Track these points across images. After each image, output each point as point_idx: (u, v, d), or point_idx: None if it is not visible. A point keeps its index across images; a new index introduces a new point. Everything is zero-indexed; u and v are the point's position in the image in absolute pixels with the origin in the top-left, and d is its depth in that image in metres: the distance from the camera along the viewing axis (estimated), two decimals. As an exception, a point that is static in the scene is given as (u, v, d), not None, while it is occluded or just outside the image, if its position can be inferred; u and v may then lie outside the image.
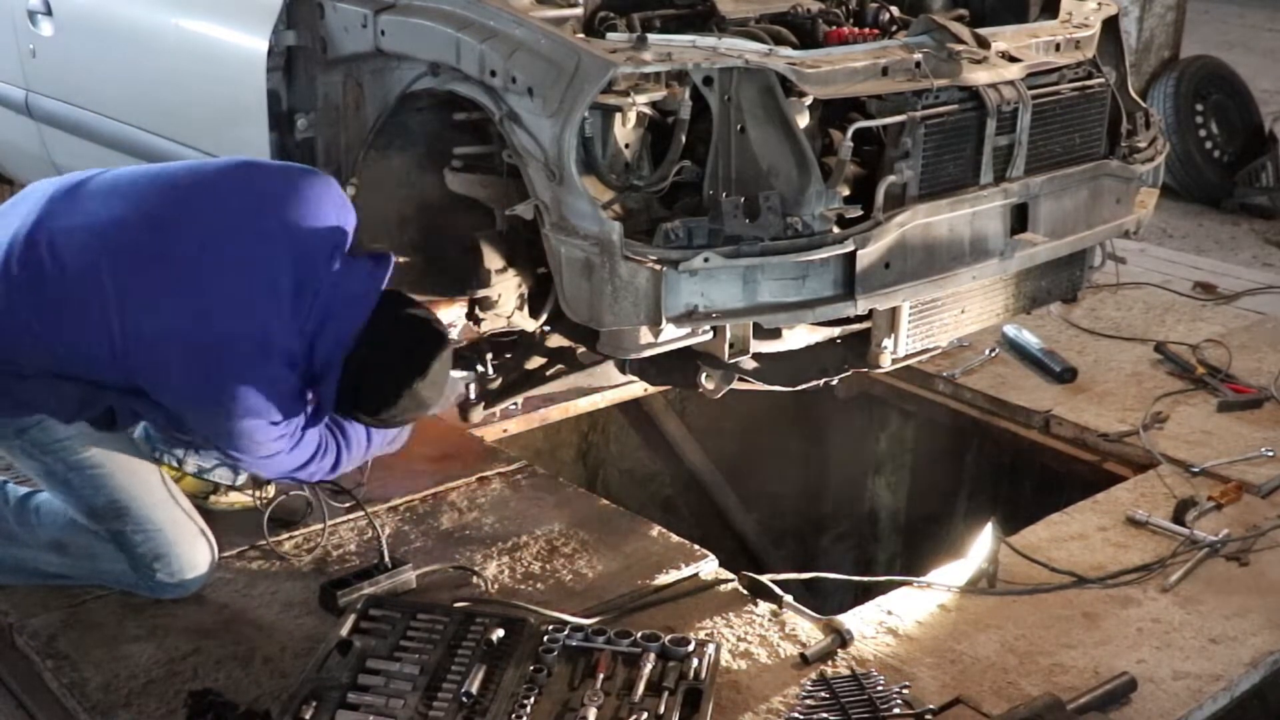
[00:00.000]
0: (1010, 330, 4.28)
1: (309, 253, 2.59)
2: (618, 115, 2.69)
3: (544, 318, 3.12)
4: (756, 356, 3.06)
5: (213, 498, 3.11)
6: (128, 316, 2.52)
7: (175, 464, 2.94)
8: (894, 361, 3.23)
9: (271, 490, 3.13)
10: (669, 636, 2.60)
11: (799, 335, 3.11)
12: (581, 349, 3.29)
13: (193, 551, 2.79)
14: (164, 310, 2.52)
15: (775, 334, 3.03)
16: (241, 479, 3.07)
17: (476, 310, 3.01)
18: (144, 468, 2.83)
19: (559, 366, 3.43)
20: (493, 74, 2.71)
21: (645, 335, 2.79)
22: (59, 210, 2.63)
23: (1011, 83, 3.01)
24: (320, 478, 2.81)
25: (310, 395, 2.67)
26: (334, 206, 2.70)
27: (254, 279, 2.54)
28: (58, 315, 2.55)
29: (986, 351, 4.26)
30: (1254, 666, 2.75)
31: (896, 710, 2.49)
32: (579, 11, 3.02)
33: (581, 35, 2.91)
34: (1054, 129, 3.18)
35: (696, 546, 3.06)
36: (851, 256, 2.75)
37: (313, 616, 2.76)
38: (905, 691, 2.54)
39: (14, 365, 2.61)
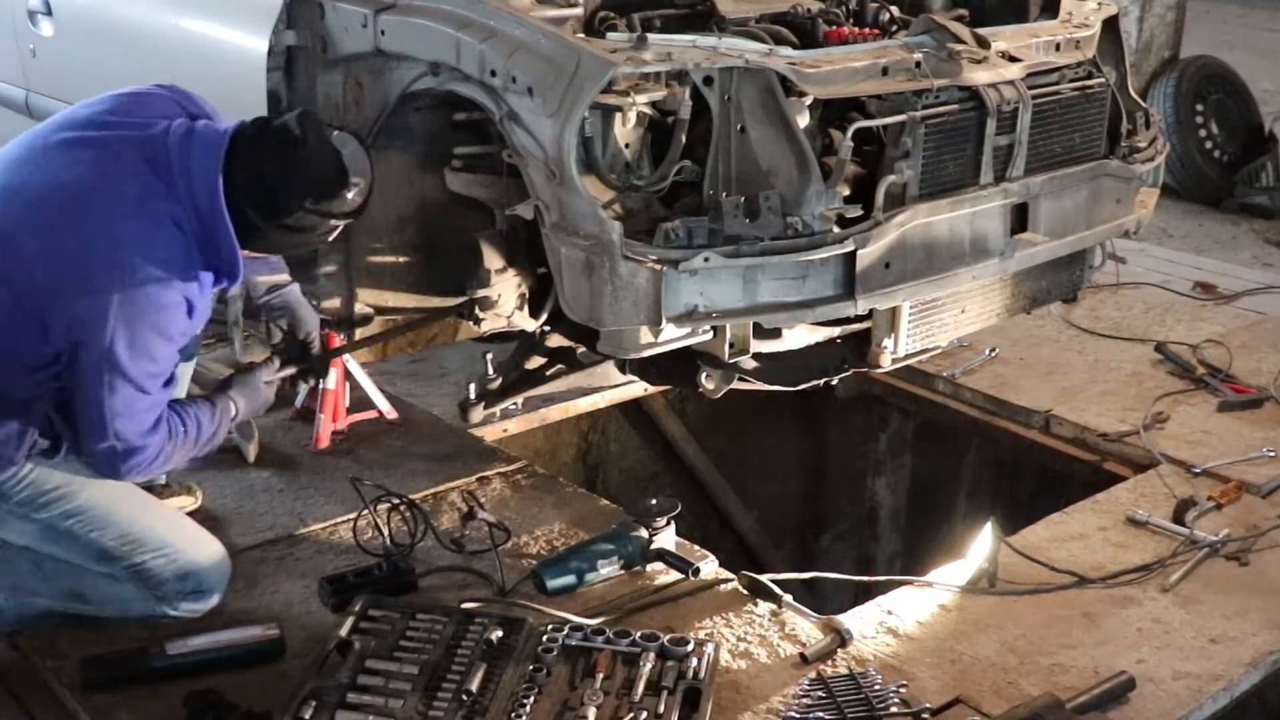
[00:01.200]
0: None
1: (154, 133, 2.57)
2: (618, 115, 2.70)
3: (544, 318, 3.12)
4: (756, 356, 3.06)
5: None
6: (23, 268, 2.48)
7: None
8: (894, 361, 3.23)
9: (200, 496, 3.14)
10: (668, 636, 2.60)
11: (799, 335, 3.11)
12: (581, 349, 3.29)
13: (210, 559, 2.76)
14: (55, 241, 2.48)
15: (775, 334, 3.03)
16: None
17: (476, 310, 3.01)
18: (135, 491, 2.80)
19: (559, 366, 3.43)
20: (493, 74, 2.71)
21: (645, 335, 2.79)
22: None
23: (1011, 83, 3.02)
24: (157, 466, 2.67)
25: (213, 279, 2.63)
26: (163, 96, 2.70)
27: (110, 182, 2.51)
28: None
29: (986, 351, 4.26)
30: (1254, 666, 2.75)
31: (894, 710, 2.49)
32: (579, 11, 3.02)
33: (581, 35, 2.92)
34: (1054, 129, 3.18)
35: (696, 546, 3.06)
36: (851, 256, 2.76)
37: (313, 616, 2.76)
38: (903, 691, 2.54)
39: None
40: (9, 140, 2.69)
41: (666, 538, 2.95)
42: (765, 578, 2.89)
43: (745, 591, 2.90)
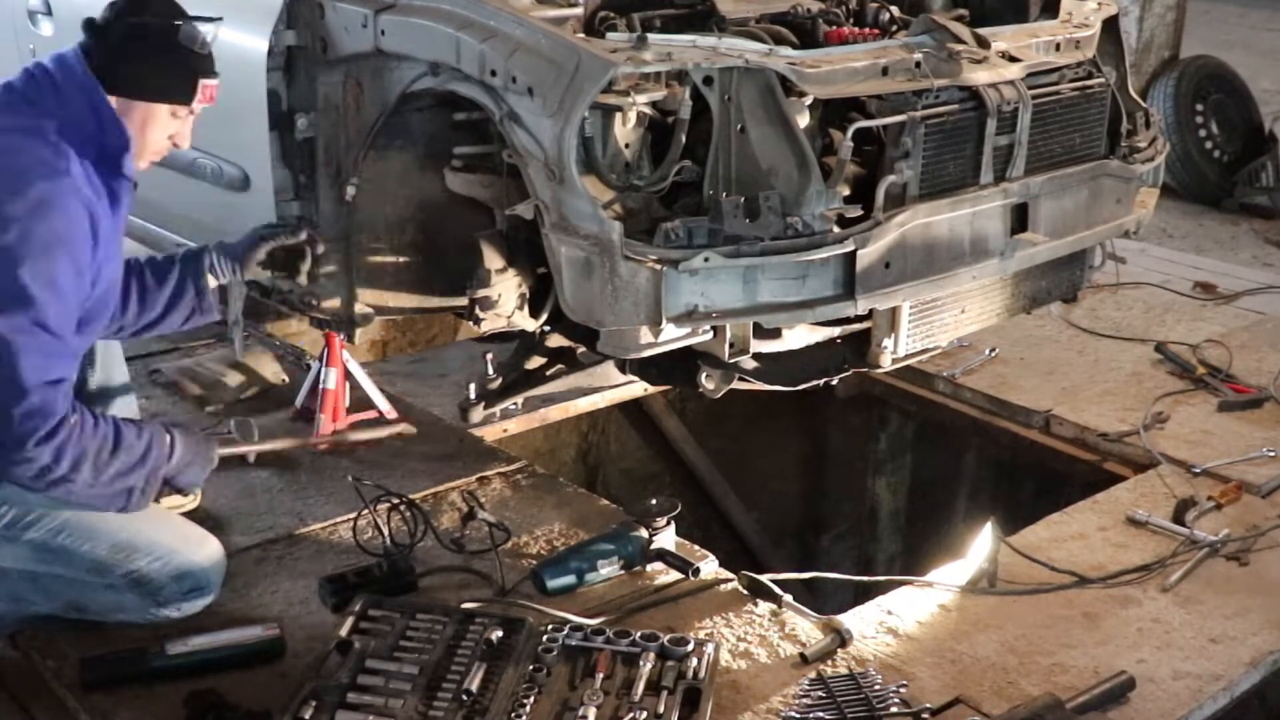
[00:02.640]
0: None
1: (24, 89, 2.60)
2: (618, 115, 2.70)
3: (544, 318, 3.12)
4: (756, 356, 3.06)
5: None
6: None
7: None
8: (894, 361, 3.23)
9: (199, 497, 3.13)
10: (668, 636, 2.60)
11: (799, 335, 3.11)
12: (581, 349, 3.29)
13: (206, 558, 2.76)
14: None
15: (775, 334, 3.03)
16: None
17: (476, 310, 3.01)
18: None
19: (559, 366, 3.43)
20: (493, 74, 2.71)
21: (645, 335, 2.79)
22: None
23: (1011, 82, 3.02)
24: (69, 454, 2.53)
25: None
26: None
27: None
28: None
29: (986, 351, 4.26)
30: (1254, 666, 2.75)
31: (894, 710, 2.49)
32: (579, 11, 3.02)
33: (581, 35, 2.92)
34: (1054, 129, 3.18)
35: (696, 546, 3.06)
36: (851, 256, 2.76)
37: (313, 616, 2.76)
38: (903, 691, 2.54)
39: None
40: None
41: (666, 538, 2.95)
42: (765, 578, 2.89)
43: (745, 591, 2.90)
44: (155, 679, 2.54)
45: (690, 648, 2.56)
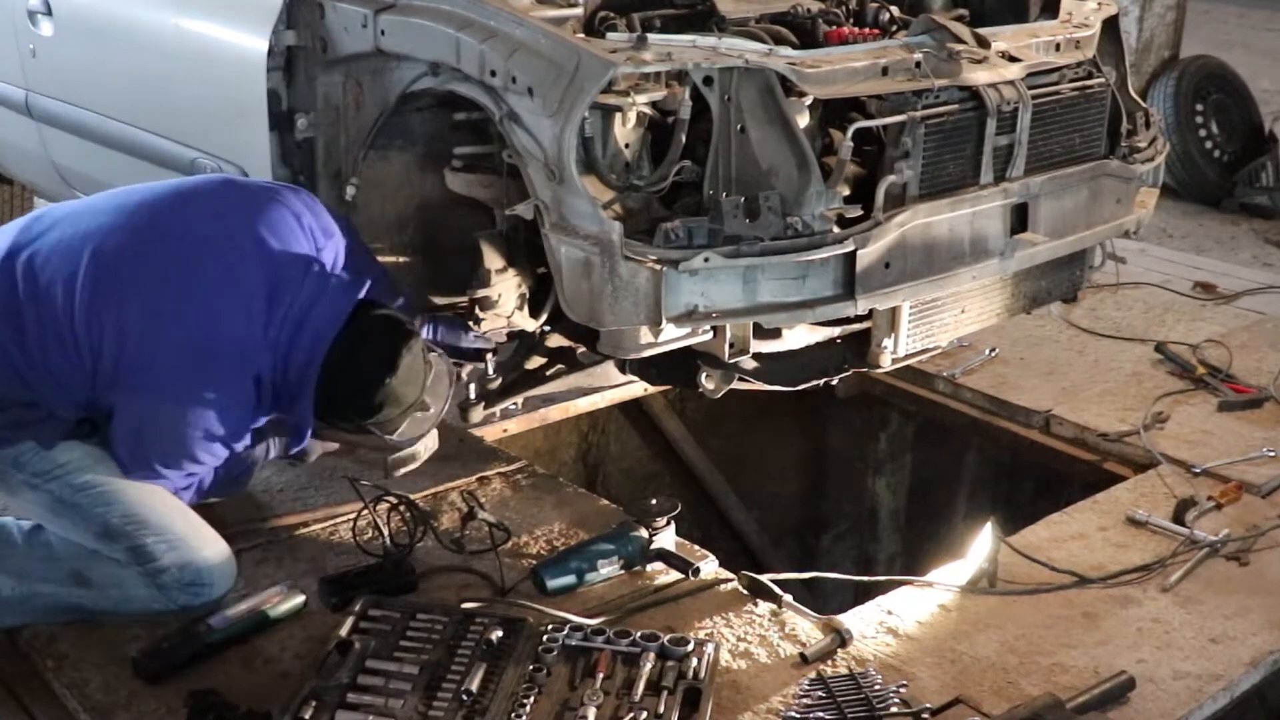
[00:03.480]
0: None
1: (282, 268, 2.66)
2: (618, 115, 2.70)
3: (544, 318, 3.12)
4: (756, 356, 3.06)
5: None
6: (100, 318, 2.56)
7: None
8: (894, 361, 3.23)
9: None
10: (668, 636, 2.60)
11: (799, 335, 3.11)
12: (581, 349, 3.29)
13: (216, 556, 2.76)
14: (145, 317, 2.57)
15: (775, 334, 3.03)
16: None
17: (476, 310, 3.01)
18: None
19: (559, 366, 3.43)
20: (493, 74, 2.71)
21: (645, 335, 2.79)
22: (32, 233, 2.67)
23: (1011, 82, 3.02)
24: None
25: (275, 414, 2.77)
26: (312, 220, 2.76)
27: (230, 288, 2.61)
28: (30, 338, 2.59)
29: (986, 351, 4.26)
30: (1254, 666, 2.75)
31: (894, 710, 2.49)
32: (579, 11, 3.02)
33: (581, 35, 2.92)
34: (1054, 129, 3.18)
35: (696, 546, 3.06)
36: (851, 256, 2.76)
37: (313, 616, 2.76)
38: (903, 690, 2.54)
39: None
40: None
41: (666, 538, 2.95)
42: (765, 578, 2.89)
43: (745, 591, 2.90)
44: (213, 654, 2.61)
45: (690, 648, 2.56)
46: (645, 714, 2.40)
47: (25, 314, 2.59)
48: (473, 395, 3.41)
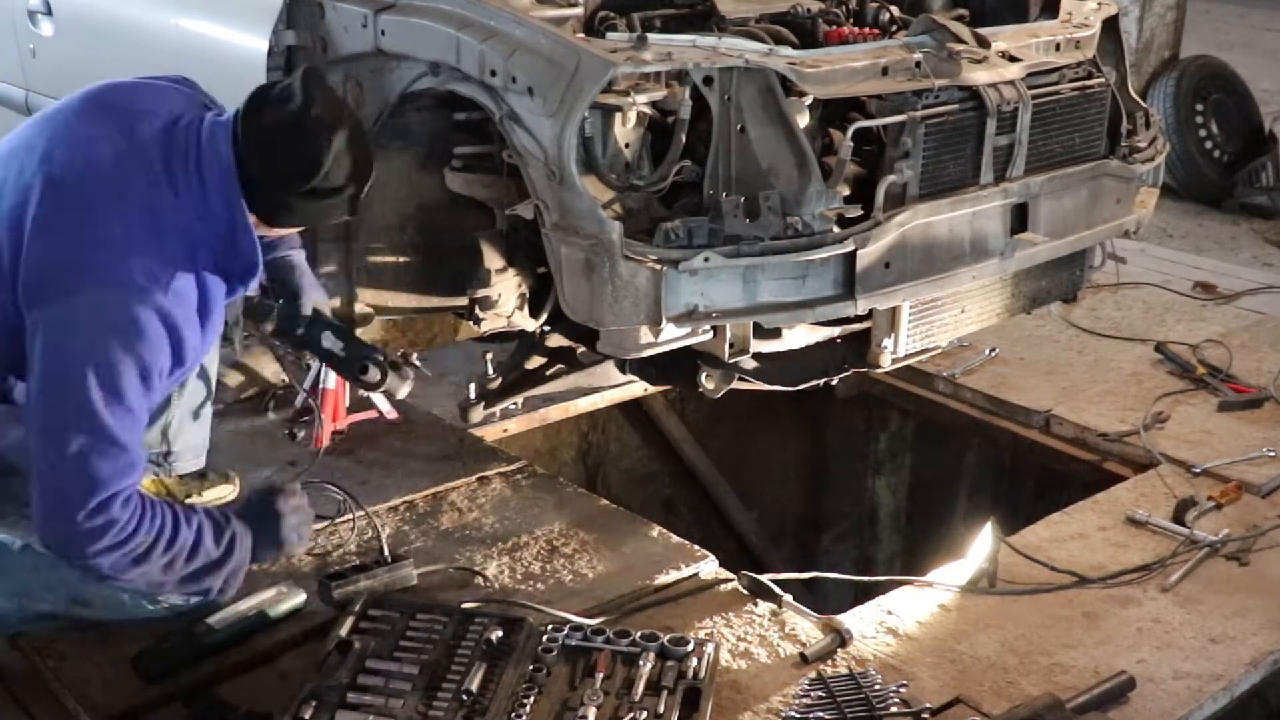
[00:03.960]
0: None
1: (166, 121, 2.50)
2: (618, 115, 2.70)
3: (544, 318, 3.12)
4: (756, 356, 3.06)
5: (192, 498, 3.09)
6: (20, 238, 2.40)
7: None
8: (894, 361, 3.23)
9: (239, 484, 3.15)
10: (668, 636, 2.60)
11: (799, 335, 3.11)
12: (581, 349, 3.29)
13: None
14: (56, 223, 2.40)
15: (775, 334, 3.03)
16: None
17: (476, 310, 3.01)
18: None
19: (559, 366, 3.43)
20: (493, 74, 2.71)
21: (645, 335, 2.79)
22: None
23: (1011, 82, 3.02)
24: (115, 568, 2.46)
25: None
26: (181, 91, 2.65)
27: (127, 158, 2.44)
28: None
29: (986, 351, 4.26)
30: (1254, 666, 2.75)
31: (894, 709, 2.49)
32: (579, 11, 3.02)
33: (581, 35, 2.92)
34: (1054, 129, 3.18)
35: (696, 547, 3.06)
36: (851, 256, 2.76)
37: (313, 616, 2.76)
38: (903, 690, 2.54)
39: None
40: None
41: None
42: (765, 578, 2.89)
43: (745, 591, 2.90)
44: (212, 654, 2.58)
45: (690, 648, 2.56)
46: (645, 714, 2.40)
47: None
48: (473, 395, 3.41)
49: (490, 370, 3.42)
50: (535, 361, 3.41)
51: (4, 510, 2.57)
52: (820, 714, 2.48)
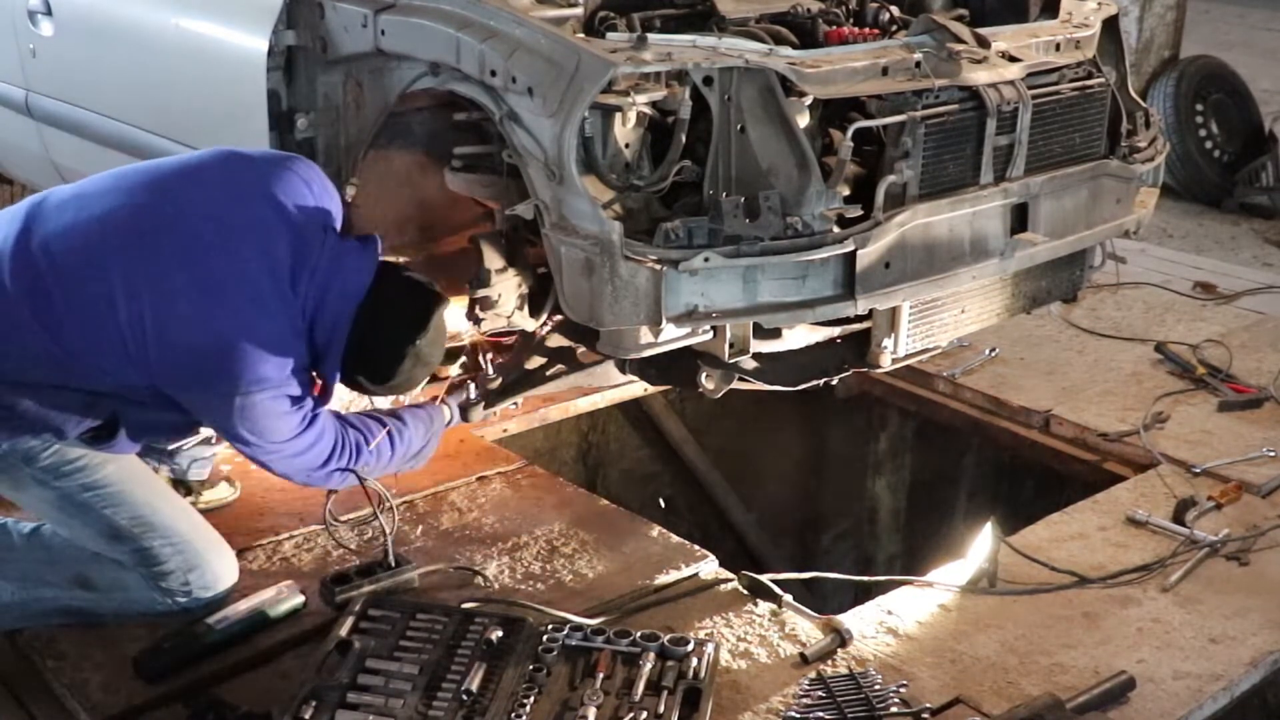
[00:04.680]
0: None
1: (302, 232, 2.61)
2: (618, 115, 2.69)
3: (544, 318, 3.12)
4: (756, 356, 3.06)
5: (190, 498, 3.09)
6: (136, 306, 2.48)
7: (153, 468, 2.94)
8: (894, 361, 3.23)
9: (239, 489, 3.15)
10: (668, 636, 2.60)
11: (799, 335, 3.11)
12: (581, 349, 3.29)
13: (220, 559, 2.77)
14: (174, 296, 2.49)
15: (775, 334, 3.03)
16: (207, 469, 3.13)
17: (476, 310, 3.01)
18: (157, 481, 2.82)
19: (559, 366, 3.43)
20: (493, 74, 2.71)
21: (645, 335, 2.79)
22: (41, 218, 2.59)
23: (1011, 82, 3.01)
24: (340, 483, 2.81)
25: (315, 376, 2.69)
26: (319, 188, 2.73)
27: (256, 260, 2.55)
28: (62, 321, 2.50)
29: (986, 351, 4.26)
30: (1254, 666, 2.75)
31: (894, 709, 2.49)
32: (579, 11, 3.02)
33: (581, 35, 2.91)
34: (1054, 129, 3.18)
35: (696, 547, 3.06)
36: (851, 256, 2.76)
37: (314, 616, 2.76)
38: (903, 690, 2.54)
39: (15, 383, 2.56)
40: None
41: None
42: (765, 578, 2.89)
43: (745, 591, 2.90)
44: (212, 654, 2.60)
45: (690, 648, 2.56)
46: (645, 714, 2.40)
47: (53, 296, 2.51)
48: (473, 395, 3.40)
49: (490, 370, 3.42)
50: (535, 361, 3.41)
51: (39, 426, 2.63)
52: (820, 714, 2.48)
